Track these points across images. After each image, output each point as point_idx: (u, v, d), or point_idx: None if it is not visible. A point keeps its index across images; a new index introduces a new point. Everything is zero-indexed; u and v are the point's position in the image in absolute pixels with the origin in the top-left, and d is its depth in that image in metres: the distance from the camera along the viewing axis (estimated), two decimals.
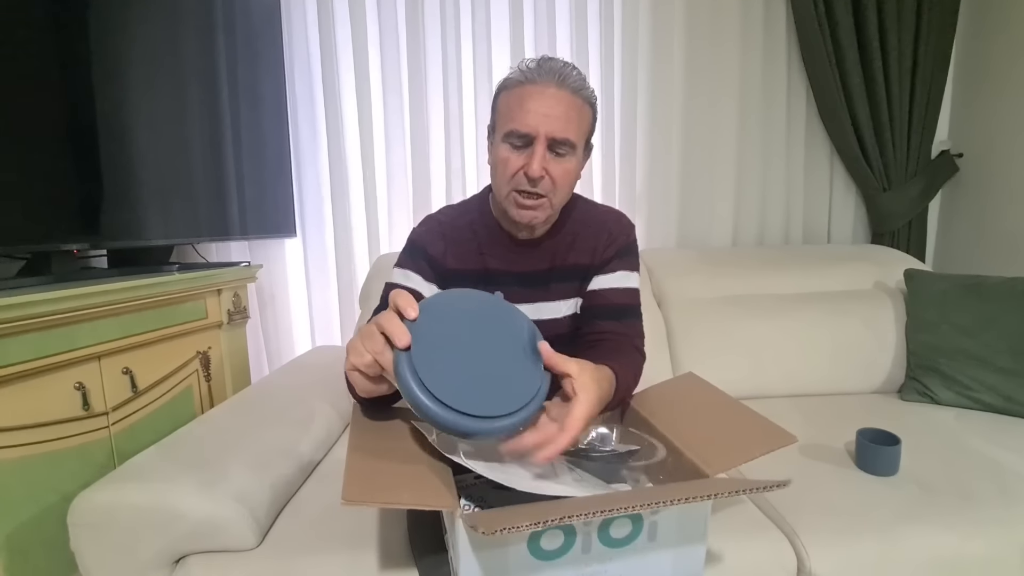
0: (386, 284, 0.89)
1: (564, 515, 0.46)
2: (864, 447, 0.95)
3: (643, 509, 0.49)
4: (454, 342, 0.58)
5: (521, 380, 0.59)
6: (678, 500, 0.47)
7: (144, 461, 0.85)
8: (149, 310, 1.20)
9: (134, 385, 1.17)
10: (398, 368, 0.55)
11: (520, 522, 0.45)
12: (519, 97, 0.75)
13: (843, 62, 1.69)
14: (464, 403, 0.54)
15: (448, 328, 0.59)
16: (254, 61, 1.55)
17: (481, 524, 0.45)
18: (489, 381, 0.57)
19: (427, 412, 0.54)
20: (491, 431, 0.55)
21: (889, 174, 1.78)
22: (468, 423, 0.54)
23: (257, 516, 0.80)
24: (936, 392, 1.26)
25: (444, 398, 0.53)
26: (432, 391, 0.54)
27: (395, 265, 0.90)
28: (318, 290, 1.77)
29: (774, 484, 0.51)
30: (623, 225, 0.92)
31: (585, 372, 0.63)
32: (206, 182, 1.45)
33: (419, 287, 0.86)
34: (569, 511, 0.47)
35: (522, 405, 0.57)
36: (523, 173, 0.76)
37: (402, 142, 1.71)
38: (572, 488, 0.58)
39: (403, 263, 0.89)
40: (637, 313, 0.91)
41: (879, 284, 1.53)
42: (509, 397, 0.57)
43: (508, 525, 0.44)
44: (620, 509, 0.48)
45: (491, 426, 0.55)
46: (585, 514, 0.47)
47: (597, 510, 0.47)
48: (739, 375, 1.36)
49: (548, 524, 0.46)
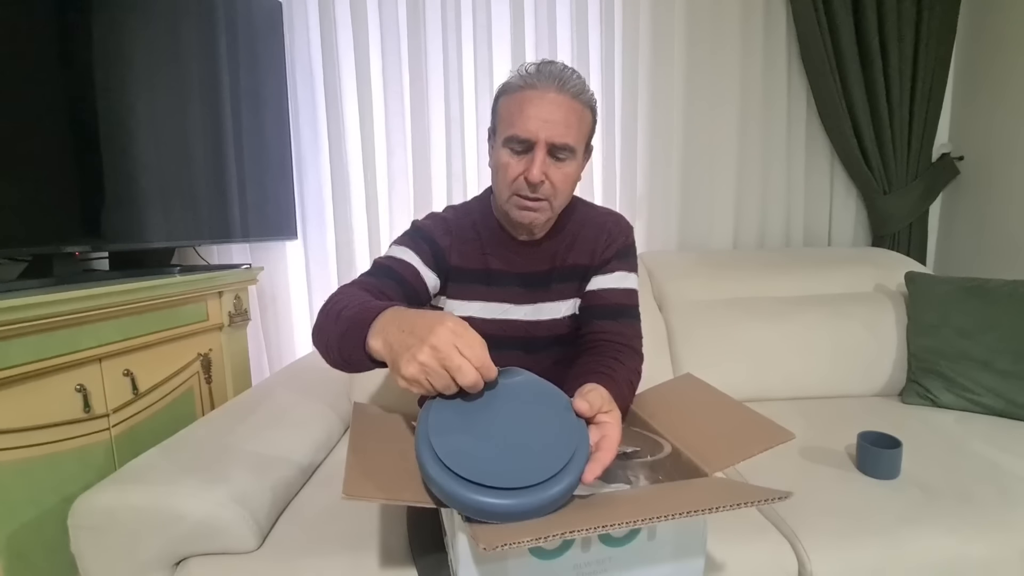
0: (376, 258, 0.86)
1: (564, 531, 0.47)
2: (865, 450, 0.95)
3: (643, 524, 0.49)
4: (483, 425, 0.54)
5: (558, 442, 0.55)
6: (679, 515, 0.47)
7: (145, 463, 0.85)
8: (150, 312, 1.20)
9: (135, 387, 1.17)
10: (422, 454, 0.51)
11: (521, 537, 0.46)
12: (519, 102, 0.75)
13: (843, 65, 1.69)
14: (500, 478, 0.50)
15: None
16: (256, 64, 1.56)
17: (482, 539, 0.46)
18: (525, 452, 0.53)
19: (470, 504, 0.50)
20: (542, 501, 0.51)
21: (890, 177, 1.78)
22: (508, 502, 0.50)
23: (258, 518, 0.80)
24: (937, 395, 1.26)
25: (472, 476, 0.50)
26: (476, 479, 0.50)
27: (392, 244, 0.87)
28: (319, 292, 1.77)
29: (776, 496, 0.51)
30: (622, 227, 0.93)
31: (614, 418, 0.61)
32: (207, 184, 1.45)
33: (416, 265, 0.84)
34: (569, 527, 0.47)
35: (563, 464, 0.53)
36: (523, 178, 0.76)
37: (403, 145, 1.72)
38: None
39: (402, 242, 0.87)
40: (635, 313, 0.91)
41: (880, 287, 1.53)
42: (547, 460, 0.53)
43: (509, 541, 0.45)
44: (620, 525, 0.49)
45: (539, 496, 0.51)
46: (585, 530, 0.47)
47: (597, 526, 0.48)
48: (740, 378, 1.35)
49: (548, 539, 0.47)
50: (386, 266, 0.83)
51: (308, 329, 1.79)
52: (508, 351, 0.87)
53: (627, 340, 0.87)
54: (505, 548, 0.44)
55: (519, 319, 0.89)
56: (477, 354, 0.52)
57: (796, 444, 1.06)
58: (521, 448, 0.53)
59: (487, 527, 0.49)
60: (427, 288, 0.85)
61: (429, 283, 0.86)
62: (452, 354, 0.51)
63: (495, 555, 0.53)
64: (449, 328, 0.52)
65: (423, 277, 0.84)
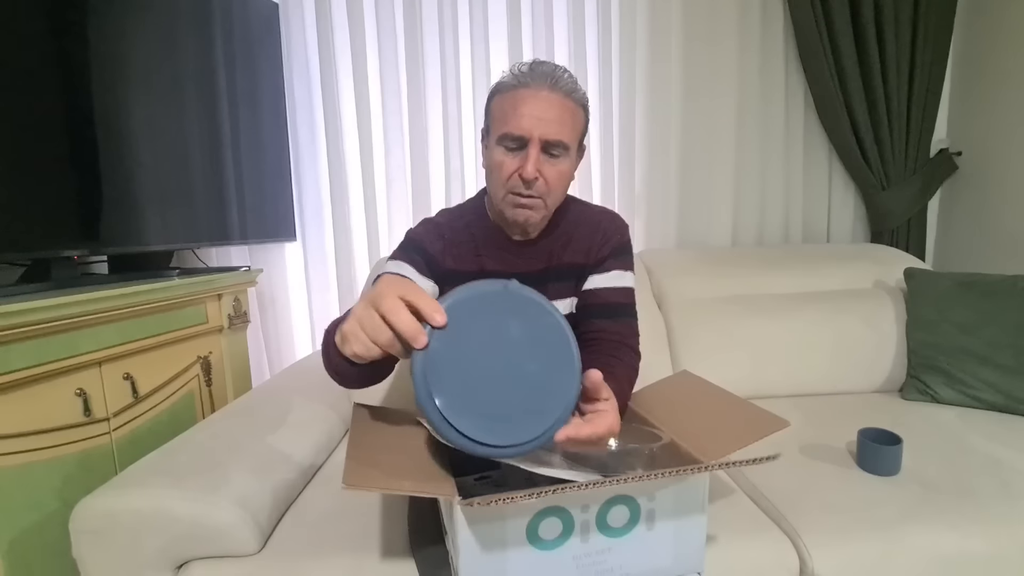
0: (377, 277, 0.88)
1: (559, 487, 0.48)
2: (866, 447, 0.95)
3: (637, 481, 0.51)
4: (477, 350, 0.53)
5: (552, 390, 0.55)
6: (671, 472, 0.49)
7: (145, 467, 0.85)
8: (150, 315, 1.20)
9: (135, 391, 1.17)
10: (417, 379, 0.51)
11: (515, 495, 0.47)
12: (512, 101, 0.76)
13: (841, 61, 1.69)
14: (489, 432, 0.52)
15: (470, 334, 0.53)
16: (252, 65, 1.56)
17: (476, 500, 0.47)
18: (517, 396, 0.53)
19: (448, 437, 0.52)
20: (519, 452, 0.54)
21: (888, 172, 1.78)
22: (491, 452, 0.52)
23: (259, 521, 0.80)
24: (937, 391, 1.26)
25: (468, 431, 0.51)
26: (455, 421, 0.51)
27: (388, 259, 0.90)
28: (318, 293, 1.77)
29: (764, 458, 0.53)
30: (617, 225, 0.93)
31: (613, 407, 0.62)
32: (206, 187, 1.45)
33: (412, 278, 0.85)
34: (564, 484, 0.49)
35: (551, 423, 0.55)
36: (518, 175, 0.77)
37: (401, 145, 1.71)
38: (569, 473, 0.59)
39: (397, 256, 0.89)
40: (632, 312, 0.92)
41: (879, 283, 1.53)
42: (539, 413, 0.54)
43: (503, 497, 0.47)
44: (617, 481, 0.50)
45: (520, 449, 0.53)
46: (580, 485, 0.49)
47: (593, 482, 0.49)
48: (739, 375, 1.35)
49: (543, 495, 0.48)
50: None
51: (308, 330, 1.80)
52: None
53: (625, 339, 0.88)
54: (497, 503, 0.46)
55: None
56: (413, 298, 0.51)
57: (796, 441, 1.06)
58: (516, 394, 0.54)
59: (480, 498, 0.50)
60: None
61: (427, 292, 0.86)
62: (383, 299, 0.51)
63: (494, 545, 0.53)
64: (385, 281, 0.53)
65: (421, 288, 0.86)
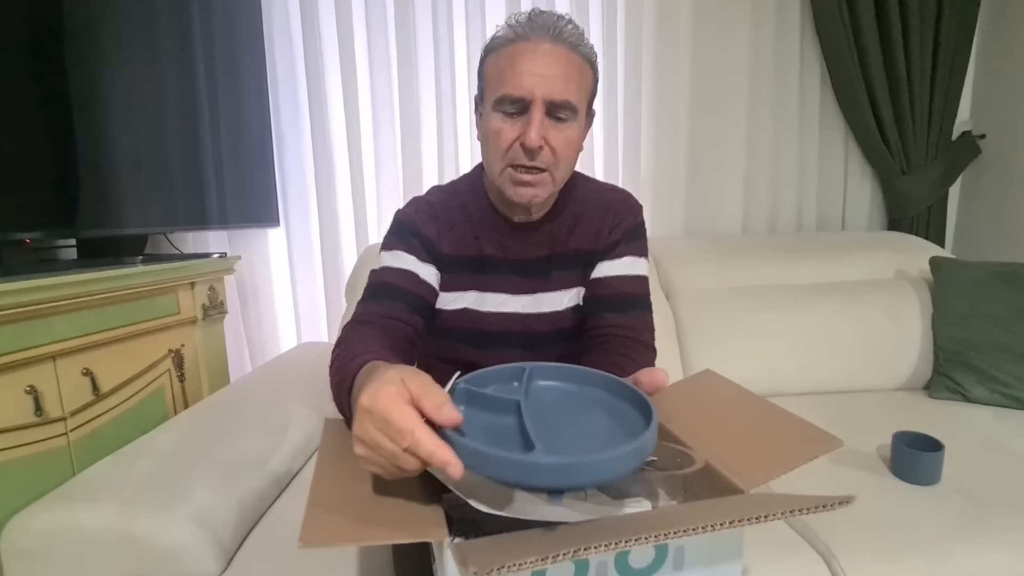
0: (372, 272, 0.79)
1: (577, 547, 0.37)
2: (902, 452, 0.86)
3: (670, 539, 0.39)
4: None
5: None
6: (711, 527, 0.38)
7: (93, 476, 0.76)
8: (112, 305, 1.09)
9: (96, 387, 1.06)
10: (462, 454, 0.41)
11: (522, 558, 0.36)
12: (510, 57, 0.65)
13: (861, 36, 1.59)
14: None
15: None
16: (232, 37, 1.45)
17: (474, 561, 0.36)
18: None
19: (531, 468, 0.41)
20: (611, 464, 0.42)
21: (908, 156, 1.68)
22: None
23: (220, 538, 0.71)
24: (969, 389, 1.17)
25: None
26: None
27: (382, 249, 0.80)
28: (303, 283, 1.67)
29: (836, 501, 0.41)
30: (630, 206, 0.82)
31: None
32: (181, 166, 1.34)
33: (415, 269, 0.76)
34: (582, 542, 0.38)
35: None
36: (519, 145, 0.66)
37: (391, 124, 1.60)
38: (567, 512, 0.49)
39: (391, 244, 0.78)
40: (646, 304, 0.81)
41: (901, 273, 1.44)
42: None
43: (508, 563, 0.35)
44: (644, 539, 0.39)
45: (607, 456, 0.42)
46: (602, 546, 0.37)
47: (616, 541, 0.38)
48: (753, 371, 1.26)
49: (557, 559, 0.37)
50: (385, 284, 0.75)
51: (292, 322, 1.70)
52: (506, 348, 0.78)
53: (637, 334, 0.78)
54: (502, 572, 0.35)
55: (517, 312, 0.79)
56: (421, 404, 0.41)
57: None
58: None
59: (477, 544, 0.40)
60: (433, 288, 0.78)
61: (432, 280, 0.77)
62: (391, 427, 0.40)
63: None
64: (365, 410, 0.41)
65: (424, 279, 0.76)
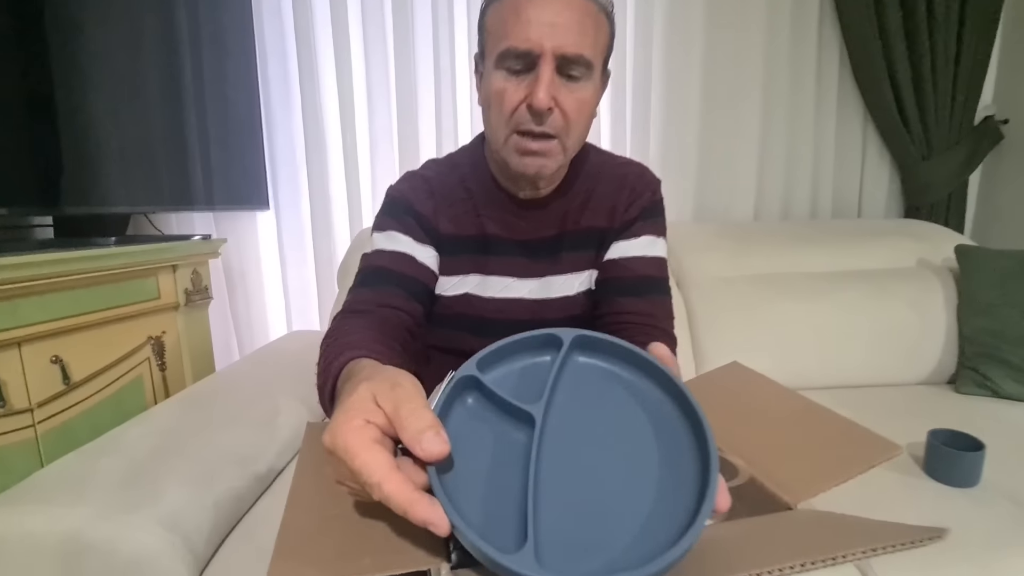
0: (363, 256, 0.71)
1: None
2: (939, 452, 0.79)
3: None
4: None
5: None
6: (790, 568, 0.30)
7: (51, 475, 0.68)
8: (84, 288, 1.02)
9: (66, 376, 0.99)
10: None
11: None
12: (514, 5, 0.57)
13: (883, 15, 1.50)
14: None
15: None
16: (218, 8, 1.36)
17: None
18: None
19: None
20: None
21: (930, 140, 1.60)
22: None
23: (193, 544, 0.64)
24: (999, 384, 1.10)
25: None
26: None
27: (374, 230, 0.72)
28: (294, 268, 1.59)
29: (926, 535, 0.35)
30: (647, 180, 0.75)
31: None
32: (164, 144, 1.27)
33: (411, 251, 0.69)
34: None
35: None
36: (526, 107, 0.59)
37: (387, 101, 1.52)
38: None
39: (384, 224, 0.71)
40: (665, 288, 0.74)
41: (923, 262, 1.36)
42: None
43: None
44: None
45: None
46: None
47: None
48: (768, 364, 1.15)
49: None
50: (379, 268, 0.68)
51: (282, 309, 1.62)
52: None
53: (657, 321, 0.71)
54: None
55: (523, 297, 0.72)
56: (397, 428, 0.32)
57: None
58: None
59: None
60: (432, 271, 0.71)
61: (430, 263, 0.71)
62: (355, 471, 0.31)
63: None
64: (327, 451, 0.33)
65: (422, 262, 0.69)
